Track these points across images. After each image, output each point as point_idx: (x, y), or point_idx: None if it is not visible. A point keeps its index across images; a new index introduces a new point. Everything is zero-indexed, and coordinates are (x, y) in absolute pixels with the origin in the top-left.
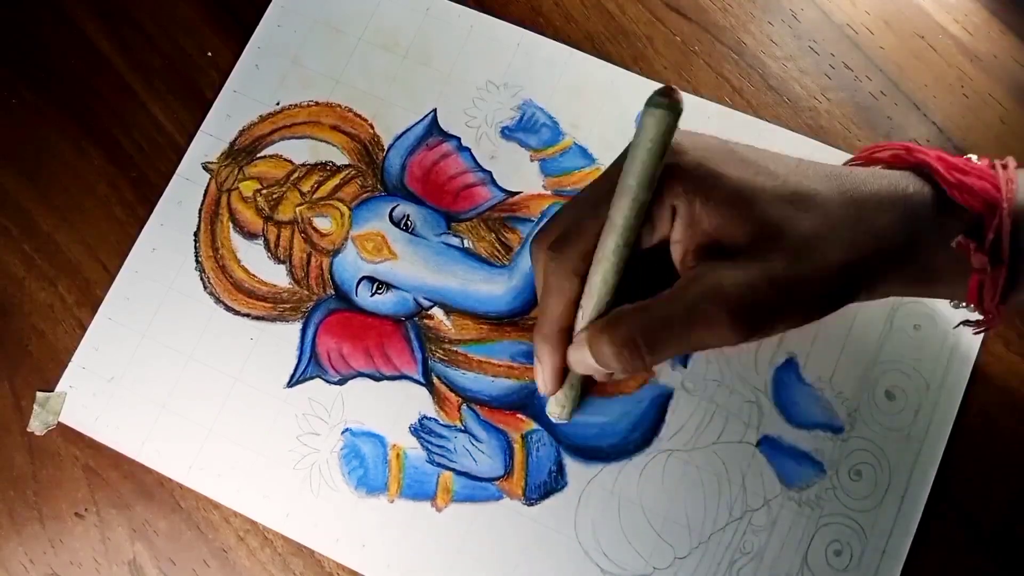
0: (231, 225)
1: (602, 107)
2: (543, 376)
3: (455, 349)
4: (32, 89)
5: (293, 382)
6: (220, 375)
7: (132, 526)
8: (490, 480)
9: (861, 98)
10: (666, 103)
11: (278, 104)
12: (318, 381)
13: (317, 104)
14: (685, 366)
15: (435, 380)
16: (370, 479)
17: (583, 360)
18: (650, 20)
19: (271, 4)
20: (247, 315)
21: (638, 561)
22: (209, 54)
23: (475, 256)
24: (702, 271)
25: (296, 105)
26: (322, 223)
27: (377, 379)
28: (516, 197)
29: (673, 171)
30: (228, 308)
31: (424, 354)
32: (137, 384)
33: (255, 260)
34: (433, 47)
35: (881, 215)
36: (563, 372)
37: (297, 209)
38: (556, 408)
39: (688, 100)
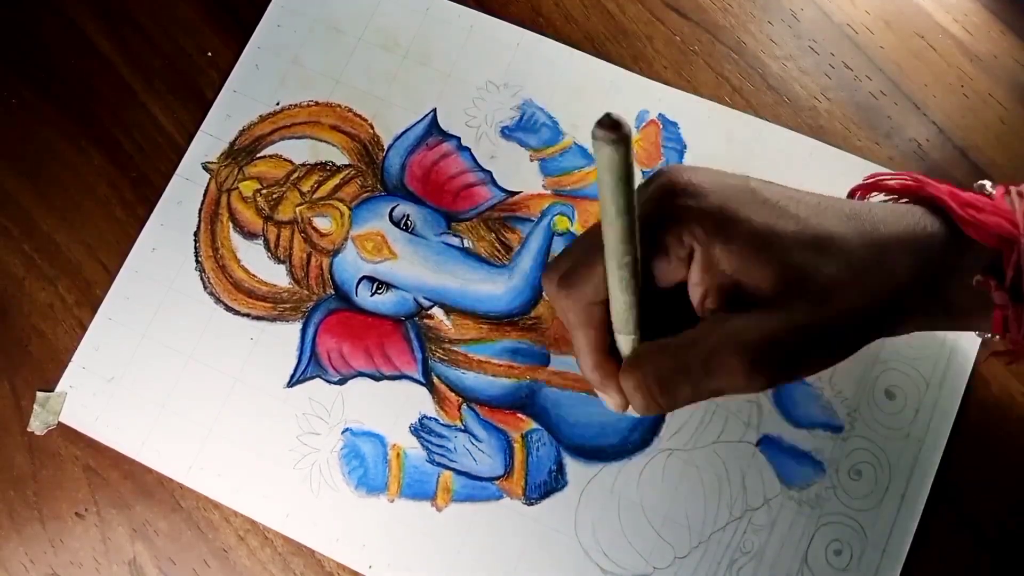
0: (231, 225)
1: (602, 107)
2: (613, 404)
3: (455, 349)
4: (32, 89)
5: (293, 382)
6: (220, 375)
7: (132, 526)
8: (490, 480)
9: (861, 98)
10: (612, 138)
11: (278, 104)
12: (318, 381)
13: (317, 104)
14: None
15: (435, 380)
16: (370, 479)
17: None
18: (650, 20)
19: (271, 4)
20: (247, 315)
21: (638, 561)
22: (209, 54)
23: (475, 256)
24: (721, 318)
25: (296, 105)
26: (322, 223)
27: (377, 379)
28: (516, 197)
29: (692, 214)
30: (228, 308)
31: (424, 354)
32: (137, 384)
33: (255, 260)
34: (433, 47)
35: (901, 258)
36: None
37: (297, 209)
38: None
39: (688, 100)
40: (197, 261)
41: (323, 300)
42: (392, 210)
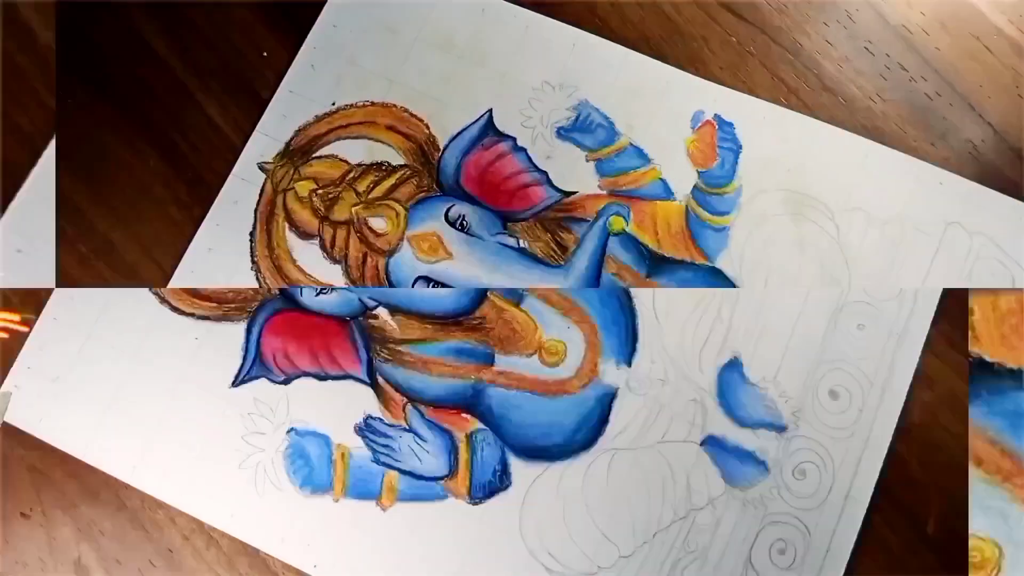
0: (287, 225)
1: (657, 108)
2: None
3: (400, 348)
4: (88, 90)
5: (238, 382)
6: (165, 374)
7: (77, 526)
8: (435, 479)
9: (916, 99)
10: None
11: (334, 104)
12: (263, 381)
13: (373, 104)
14: (629, 365)
15: (380, 380)
16: (315, 478)
17: None
18: (706, 21)
19: (327, 4)
20: (191, 315)
21: (583, 560)
22: (265, 54)
23: (531, 256)
24: None
25: (352, 105)
26: (378, 223)
27: (322, 379)
28: (572, 197)
29: None
30: (173, 308)
31: (369, 354)
32: (82, 384)
33: (311, 260)
34: (488, 47)
35: None
36: None
37: (353, 209)
38: None
39: (744, 101)
40: (253, 261)
41: (268, 300)
42: (448, 210)
